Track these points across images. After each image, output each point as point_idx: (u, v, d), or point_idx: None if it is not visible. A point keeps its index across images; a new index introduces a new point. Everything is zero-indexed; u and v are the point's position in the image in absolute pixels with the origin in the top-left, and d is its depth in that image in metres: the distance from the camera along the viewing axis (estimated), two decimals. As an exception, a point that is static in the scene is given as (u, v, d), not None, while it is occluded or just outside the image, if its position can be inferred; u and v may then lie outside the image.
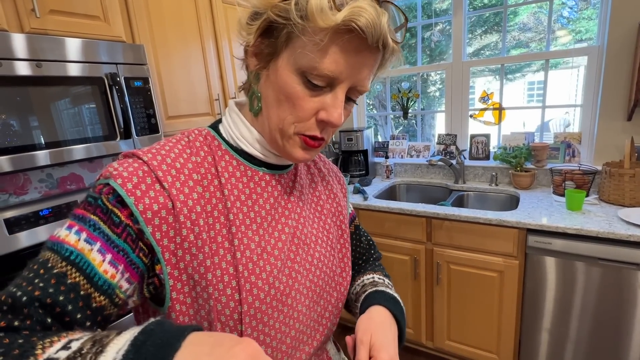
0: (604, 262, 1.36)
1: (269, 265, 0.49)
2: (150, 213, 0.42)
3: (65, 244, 0.40)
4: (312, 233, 0.56)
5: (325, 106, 0.44)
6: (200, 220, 0.45)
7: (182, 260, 0.44)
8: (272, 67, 0.45)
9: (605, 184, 1.61)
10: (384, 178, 2.35)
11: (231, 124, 0.52)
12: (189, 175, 0.46)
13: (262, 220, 0.50)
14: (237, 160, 0.50)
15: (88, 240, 0.40)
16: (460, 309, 1.73)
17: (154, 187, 0.43)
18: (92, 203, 0.42)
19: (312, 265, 0.54)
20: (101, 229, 0.41)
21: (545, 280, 1.50)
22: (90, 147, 1.26)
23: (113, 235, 0.41)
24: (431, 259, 1.75)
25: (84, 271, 0.39)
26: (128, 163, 0.44)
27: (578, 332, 1.48)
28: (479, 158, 2.16)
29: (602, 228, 1.35)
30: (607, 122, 1.77)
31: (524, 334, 1.61)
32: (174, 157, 0.46)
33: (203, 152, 0.49)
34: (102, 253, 0.40)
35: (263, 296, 0.47)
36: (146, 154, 0.45)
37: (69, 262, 0.39)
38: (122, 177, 0.42)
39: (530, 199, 1.75)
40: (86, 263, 0.39)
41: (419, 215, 1.73)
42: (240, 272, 0.46)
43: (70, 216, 0.42)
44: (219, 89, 1.82)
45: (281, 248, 0.51)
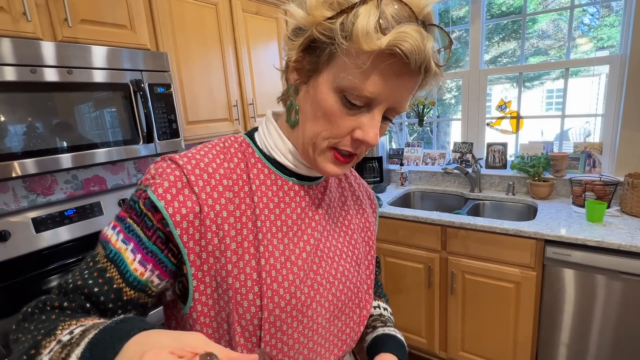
0: (626, 275, 1.33)
1: (292, 274, 0.49)
2: (179, 216, 0.44)
3: (108, 241, 0.46)
4: (337, 247, 0.56)
5: (361, 125, 0.44)
6: (225, 225, 0.46)
7: (206, 262, 0.46)
8: (312, 83, 0.46)
9: (628, 196, 1.57)
10: (398, 185, 2.34)
11: (266, 134, 0.53)
12: (220, 180, 0.48)
13: (288, 229, 0.51)
14: (269, 168, 0.51)
15: (124, 240, 0.45)
16: (475, 319, 1.71)
17: (184, 191, 0.45)
18: (132, 206, 0.46)
19: (335, 278, 0.54)
20: (135, 231, 0.45)
21: (564, 292, 1.47)
22: (113, 151, 1.31)
23: (144, 237, 0.45)
24: (446, 268, 1.74)
25: (119, 267, 0.44)
26: (162, 168, 0.46)
27: (598, 348, 1.44)
28: (496, 167, 2.13)
29: (624, 241, 1.31)
30: (629, 132, 1.72)
31: (541, 348, 1.57)
32: (207, 162, 0.48)
33: (237, 158, 0.51)
34: (134, 253, 0.45)
35: (284, 304, 0.48)
36: (182, 158, 0.47)
37: (109, 259, 0.45)
38: (155, 183, 0.45)
39: (549, 209, 1.72)
40: (121, 261, 0.45)
41: (434, 224, 1.72)
42: (263, 278, 0.47)
43: (115, 216, 0.48)
44: (237, 95, 1.86)
45: (305, 259, 0.51)
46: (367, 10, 0.38)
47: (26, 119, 1.10)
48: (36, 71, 1.09)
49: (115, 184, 1.69)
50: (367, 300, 0.59)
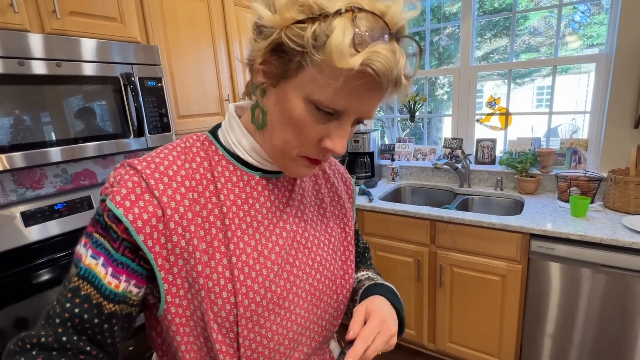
0: (607, 268, 1.37)
1: (266, 269, 0.49)
2: (140, 222, 0.43)
3: (80, 259, 0.45)
4: (315, 236, 0.57)
5: (330, 135, 0.44)
6: (191, 227, 0.46)
7: (175, 264, 0.45)
8: (281, 89, 0.44)
9: (611, 191, 1.61)
10: (389, 180, 2.37)
11: (229, 130, 0.52)
12: (182, 182, 0.47)
13: (259, 224, 0.51)
14: (234, 165, 0.51)
15: (93, 255, 0.45)
16: (463, 311, 1.75)
17: (144, 196, 0.44)
18: (97, 220, 0.46)
19: (312, 269, 0.55)
20: (102, 244, 0.45)
21: (549, 285, 1.51)
22: (104, 145, 1.30)
23: (112, 250, 0.45)
24: (434, 262, 1.77)
25: (93, 283, 0.44)
26: (121, 175, 0.45)
27: (582, 339, 1.49)
28: (485, 162, 2.17)
29: (605, 235, 1.35)
30: (614, 130, 1.77)
31: (526, 338, 1.61)
32: (168, 164, 0.47)
33: (199, 157, 0.50)
34: (105, 267, 0.45)
35: (259, 299, 0.48)
36: (140, 163, 0.46)
37: (80, 277, 0.45)
38: (112, 192, 0.44)
39: (535, 204, 1.76)
40: (94, 277, 0.44)
41: (423, 218, 1.75)
42: (236, 276, 0.47)
43: (84, 232, 0.47)
44: (229, 89, 1.86)
45: (278, 252, 0.51)
46: (342, 25, 0.37)
47: (14, 112, 1.09)
48: (24, 63, 1.08)
49: (105, 178, 1.68)
50: (344, 285, 0.59)
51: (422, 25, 2.44)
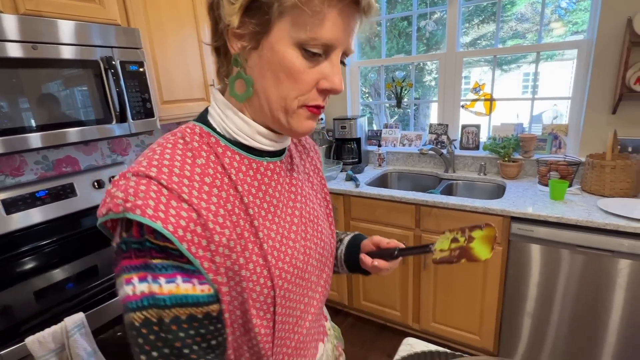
0: (583, 249, 1.43)
1: (290, 248, 0.52)
2: (181, 230, 0.40)
3: (153, 294, 0.39)
4: (314, 209, 0.60)
5: (325, 75, 0.45)
6: (227, 222, 0.45)
7: (221, 264, 0.45)
8: (265, 45, 0.44)
9: (588, 175, 1.67)
10: (376, 166, 2.39)
11: (224, 119, 0.50)
12: (201, 179, 0.45)
13: (275, 208, 0.52)
14: (239, 154, 0.50)
15: (169, 280, 0.40)
16: (446, 292, 1.80)
17: (171, 203, 0.41)
18: (141, 248, 0.40)
19: (318, 239, 0.59)
20: (170, 265, 0.41)
21: (528, 266, 1.57)
22: (86, 130, 1.28)
23: (183, 264, 0.41)
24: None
25: (187, 303, 0.41)
26: (133, 187, 0.40)
27: (559, 316, 1.56)
28: (469, 148, 2.20)
29: (581, 217, 1.41)
30: (593, 115, 1.81)
31: (505, 317, 1.68)
32: (180, 165, 0.44)
33: (204, 152, 0.47)
34: (188, 282, 0.41)
35: (290, 277, 0.52)
36: (149, 169, 0.42)
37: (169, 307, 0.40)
38: (138, 207, 0.39)
39: (516, 188, 1.80)
40: (183, 297, 0.41)
41: (409, 203, 1.78)
42: (269, 261, 0.49)
43: (126, 269, 0.40)
44: (214, 74, 1.83)
45: (296, 231, 0.54)
46: None
47: (-11, 97, 1.06)
48: (-2, 46, 1.04)
49: (88, 164, 1.65)
50: (334, 248, 0.65)
51: (409, 10, 2.43)
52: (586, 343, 1.51)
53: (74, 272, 1.22)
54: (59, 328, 0.99)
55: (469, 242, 0.63)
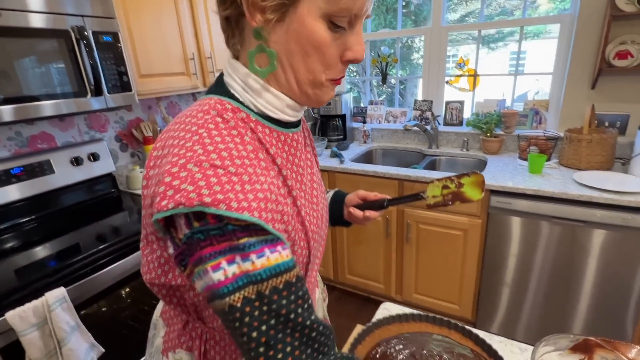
0: (558, 220, 1.48)
1: (315, 212, 0.57)
2: (264, 213, 0.41)
3: (247, 273, 0.38)
4: (317, 175, 0.64)
5: (349, 46, 0.45)
6: (279, 197, 0.46)
7: (286, 231, 0.47)
8: (293, 18, 0.42)
9: (565, 149, 1.71)
10: (361, 143, 2.39)
11: (251, 93, 0.48)
12: (256, 157, 0.45)
13: (302, 177, 0.55)
14: (269, 128, 0.50)
15: (260, 255, 0.39)
16: (427, 265, 1.86)
17: (245, 188, 0.40)
18: (223, 232, 0.39)
19: (324, 200, 0.64)
20: (254, 242, 0.40)
21: (506, 237, 1.62)
22: (60, 104, 1.24)
23: (265, 238, 0.41)
24: (402, 219, 1.85)
25: (279, 272, 0.40)
26: (204, 177, 0.38)
27: (535, 284, 1.63)
28: (453, 124, 2.22)
29: (557, 189, 1.45)
30: (573, 90, 1.84)
31: (483, 287, 1.75)
32: (234, 147, 0.43)
33: (242, 128, 0.46)
34: (272, 251, 0.40)
35: (317, 237, 0.57)
36: (210, 157, 0.40)
37: (264, 280, 0.39)
38: (221, 202, 0.38)
39: (497, 163, 1.84)
40: (275, 267, 0.40)
41: (392, 178, 1.80)
42: (306, 226, 0.53)
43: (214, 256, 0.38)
44: (194, 47, 1.78)
45: (316, 195, 0.59)
46: None
47: (-47, 67, 1.01)
48: (-42, 12, 0.99)
49: (65, 141, 1.61)
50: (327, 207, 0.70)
51: (395, -17, 2.38)
52: (560, 309, 1.59)
53: (55, 249, 1.20)
54: (39, 303, 0.99)
55: (459, 188, 0.70)
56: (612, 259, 1.43)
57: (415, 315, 0.75)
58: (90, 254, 1.17)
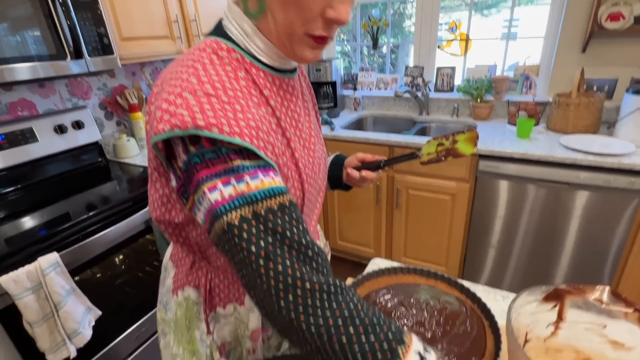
0: (543, 183, 1.52)
1: (311, 157, 0.59)
2: (255, 140, 0.43)
3: (242, 194, 0.41)
4: (316, 125, 0.66)
5: (331, 3, 0.44)
6: (270, 132, 0.49)
7: (277, 164, 0.50)
8: None
9: (554, 114, 1.72)
10: (351, 111, 2.37)
11: (245, 37, 0.49)
12: (249, 92, 0.47)
13: (297, 122, 0.56)
14: (264, 71, 0.51)
15: (253, 177, 0.42)
16: (416, 229, 1.90)
17: (238, 116, 0.42)
18: (219, 155, 0.41)
19: (322, 151, 0.66)
20: (249, 164, 0.42)
21: (493, 201, 1.66)
22: (36, 67, 1.19)
23: (259, 162, 0.43)
24: (392, 185, 1.87)
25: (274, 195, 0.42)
26: (198, 104, 0.41)
27: (520, 246, 1.69)
28: (444, 90, 2.21)
29: (544, 152, 1.48)
30: (564, 54, 1.83)
31: (470, 249, 1.81)
32: (227, 80, 0.45)
33: (236, 67, 0.48)
34: (265, 175, 0.43)
35: (312, 182, 0.59)
36: (204, 87, 0.42)
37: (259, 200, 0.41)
38: (214, 125, 0.40)
39: (486, 128, 1.85)
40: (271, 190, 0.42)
41: (382, 144, 1.81)
42: (300, 168, 0.55)
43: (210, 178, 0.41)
44: (177, 9, 1.70)
45: (313, 142, 0.61)
46: None
47: None
48: None
49: (47, 108, 1.56)
50: (327, 159, 0.72)
51: (386, -59, 2.27)
52: (543, 268, 1.67)
53: (44, 218, 1.19)
54: (33, 267, 0.99)
55: (453, 144, 0.71)
56: (593, 218, 1.48)
57: (404, 268, 0.77)
58: (81, 221, 1.17)
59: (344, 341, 0.37)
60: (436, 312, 0.64)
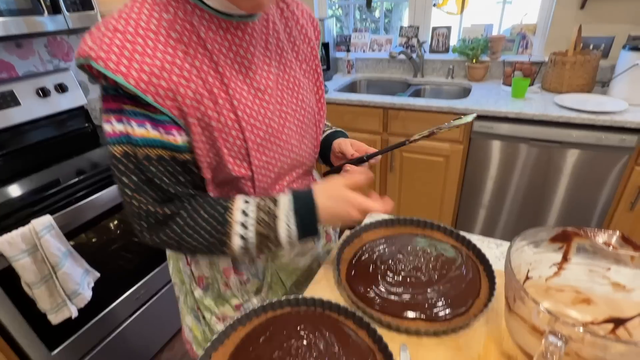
0: (536, 142, 1.53)
1: (263, 108, 0.56)
2: (143, 84, 0.44)
3: (129, 134, 0.47)
4: (295, 77, 0.62)
5: None
6: (192, 76, 0.48)
7: (190, 114, 0.49)
8: None
9: (549, 73, 1.71)
10: (345, 74, 2.32)
11: None
12: (167, 34, 0.46)
13: (247, 69, 0.54)
14: (209, 13, 0.49)
15: (140, 125, 0.47)
16: (409, 191, 1.92)
17: (135, 56, 0.43)
18: (115, 94, 0.46)
19: (297, 106, 0.62)
20: (140, 112, 0.46)
21: (486, 161, 1.67)
22: (8, 23, 1.11)
23: (151, 114, 0.47)
24: (386, 149, 1.87)
25: (157, 146, 0.48)
26: (101, 36, 0.43)
27: (510, 205, 1.72)
28: (439, 51, 2.16)
29: (538, 111, 1.47)
30: (562, 11, 1.78)
31: (461, 210, 1.85)
32: (146, 19, 0.45)
33: (172, 7, 0.47)
34: (156, 129, 0.48)
35: (262, 134, 0.57)
36: (118, 21, 0.44)
37: (141, 146, 0.47)
38: (101, 59, 0.42)
39: (481, 89, 1.83)
40: (153, 141, 0.47)
41: (377, 107, 1.78)
42: (240, 116, 0.53)
43: (105, 111, 0.48)
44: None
45: (270, 93, 0.57)
46: None
47: None
48: None
49: (27, 70, 1.48)
50: (320, 120, 0.69)
51: None
52: (532, 225, 1.71)
53: (34, 183, 1.16)
54: (27, 229, 0.98)
55: None
56: (582, 177, 1.51)
57: (401, 220, 0.78)
58: (72, 184, 1.14)
59: (190, 244, 0.52)
60: (432, 259, 0.66)
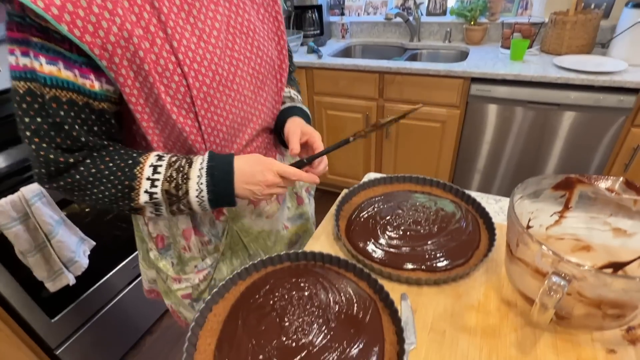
0: (533, 105, 1.51)
1: (209, 53, 0.51)
2: (55, 9, 0.38)
3: (34, 70, 0.42)
4: (250, 21, 0.57)
5: None
6: (118, 10, 0.42)
7: (115, 53, 0.43)
8: None
9: (548, 34, 1.66)
10: (339, 39, 2.24)
11: None
12: None
13: (190, 7, 0.49)
14: None
15: (50, 62, 0.42)
16: (405, 158, 1.91)
17: None
18: (22, 23, 0.41)
19: (252, 53, 0.57)
20: (52, 48, 0.42)
21: (483, 125, 1.66)
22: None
23: (66, 52, 0.42)
24: (382, 115, 1.84)
25: (69, 88, 0.43)
26: None
27: (504, 170, 1.73)
28: (436, 14, 2.08)
29: (536, 73, 1.44)
30: (564, -32, 1.72)
31: (457, 175, 1.85)
32: None
33: None
34: (70, 69, 0.43)
35: (209, 81, 0.51)
36: None
37: (50, 86, 0.43)
38: None
39: (479, 52, 1.79)
40: (65, 82, 0.43)
41: (372, 71, 1.73)
42: (181, 60, 0.48)
43: (11, 41, 0.42)
44: None
45: (217, 37, 0.52)
46: None
47: None
48: None
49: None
50: (282, 73, 0.64)
51: None
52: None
53: (21, 155, 1.12)
54: (16, 197, 0.96)
55: None
56: (578, 138, 1.51)
57: (399, 177, 0.77)
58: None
59: (95, 195, 0.49)
60: (432, 213, 0.65)
